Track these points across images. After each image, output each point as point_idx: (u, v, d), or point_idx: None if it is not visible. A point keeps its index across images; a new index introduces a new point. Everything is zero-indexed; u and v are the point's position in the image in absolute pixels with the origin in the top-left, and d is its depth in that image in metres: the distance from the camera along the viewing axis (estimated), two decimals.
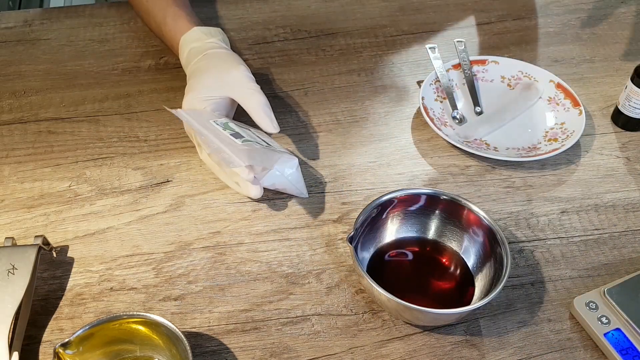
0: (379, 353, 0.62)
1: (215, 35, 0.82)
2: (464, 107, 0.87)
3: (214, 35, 0.82)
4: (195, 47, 0.80)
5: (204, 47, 0.79)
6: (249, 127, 0.75)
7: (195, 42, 0.80)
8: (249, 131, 0.74)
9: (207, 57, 0.78)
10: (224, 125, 0.71)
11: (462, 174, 0.79)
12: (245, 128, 0.74)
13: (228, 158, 0.67)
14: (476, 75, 0.90)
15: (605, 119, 0.87)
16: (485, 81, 0.90)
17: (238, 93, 0.74)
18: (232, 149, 0.68)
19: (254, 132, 0.74)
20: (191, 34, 0.81)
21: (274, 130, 0.72)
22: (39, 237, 0.66)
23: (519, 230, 0.73)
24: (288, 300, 0.66)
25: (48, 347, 0.62)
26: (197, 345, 0.62)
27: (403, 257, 0.69)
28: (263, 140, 0.73)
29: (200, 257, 0.69)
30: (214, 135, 0.69)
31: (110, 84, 0.89)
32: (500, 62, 0.91)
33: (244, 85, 0.74)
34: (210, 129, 0.70)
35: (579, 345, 0.64)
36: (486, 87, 0.90)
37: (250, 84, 0.75)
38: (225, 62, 0.77)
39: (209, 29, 0.82)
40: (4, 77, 0.89)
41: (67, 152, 0.79)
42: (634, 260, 0.71)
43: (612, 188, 0.78)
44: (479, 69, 0.91)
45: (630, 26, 1.03)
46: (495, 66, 0.91)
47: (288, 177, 0.73)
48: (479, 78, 0.90)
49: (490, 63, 0.91)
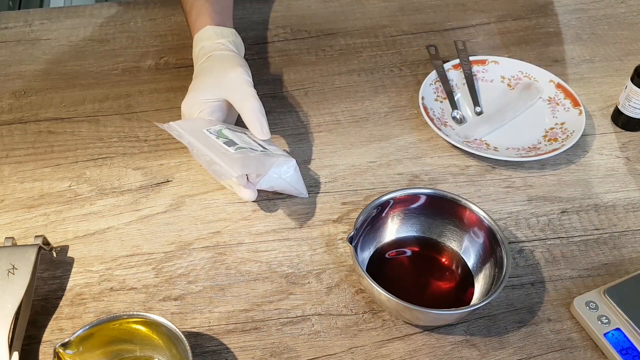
0: (379, 353, 0.62)
1: (227, 36, 0.81)
2: (464, 107, 0.87)
3: (225, 36, 0.81)
4: (205, 46, 0.79)
5: (211, 47, 0.79)
6: (245, 131, 0.75)
7: (206, 41, 0.80)
8: (244, 136, 0.73)
9: (211, 59, 0.78)
10: (217, 133, 0.71)
11: (462, 174, 0.79)
12: (241, 132, 0.74)
13: (219, 170, 0.66)
14: (476, 75, 0.90)
15: (605, 119, 0.87)
16: (485, 81, 0.90)
17: (233, 96, 0.74)
18: (225, 158, 0.67)
19: (250, 135, 0.74)
20: (203, 32, 0.81)
21: (264, 137, 0.72)
22: (39, 237, 0.66)
23: (519, 230, 0.73)
24: (288, 300, 0.66)
25: (48, 347, 0.62)
26: (197, 345, 0.62)
27: (403, 257, 0.69)
28: (259, 144, 0.73)
29: (200, 257, 0.69)
30: (206, 146, 0.69)
31: (110, 84, 0.89)
32: (500, 62, 0.91)
33: (239, 88, 0.74)
34: (202, 140, 0.69)
35: (579, 345, 0.64)
36: (486, 87, 0.90)
37: (246, 88, 0.74)
38: (225, 65, 0.77)
39: (221, 29, 0.81)
40: (4, 77, 0.89)
41: (67, 152, 0.79)
42: (634, 260, 0.71)
43: (612, 188, 0.78)
44: (479, 69, 0.91)
45: (630, 26, 1.03)
46: (495, 66, 0.91)
47: (286, 179, 0.73)
48: (479, 78, 0.90)
49: (490, 63, 0.91)
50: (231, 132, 0.72)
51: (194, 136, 0.70)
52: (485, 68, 0.91)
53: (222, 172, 0.66)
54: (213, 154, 0.67)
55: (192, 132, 0.70)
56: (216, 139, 0.70)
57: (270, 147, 0.73)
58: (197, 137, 0.70)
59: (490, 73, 0.91)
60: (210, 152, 0.68)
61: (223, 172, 0.66)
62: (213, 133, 0.71)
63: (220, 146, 0.69)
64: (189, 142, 0.69)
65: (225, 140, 0.70)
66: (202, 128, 0.71)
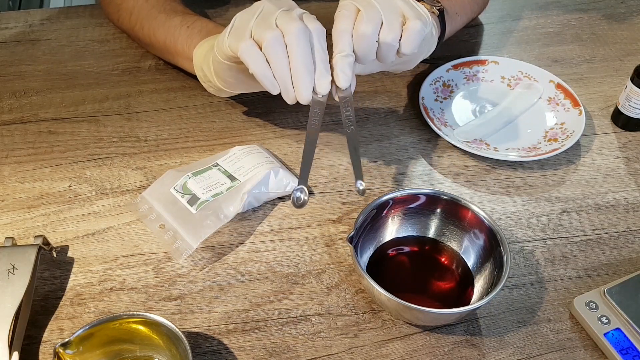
0: (379, 353, 0.62)
1: None
2: (464, 108, 0.87)
3: None
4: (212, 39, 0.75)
5: None
6: (216, 161, 0.75)
7: (210, 41, 0.75)
8: (214, 171, 0.73)
9: None
10: (182, 188, 0.72)
11: (462, 174, 0.79)
12: (210, 168, 0.74)
13: (180, 247, 0.68)
14: (476, 75, 0.90)
15: (605, 119, 0.87)
16: (485, 81, 0.90)
17: None
18: (186, 226, 0.69)
19: (222, 166, 0.74)
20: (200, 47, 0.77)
21: None
22: (39, 237, 0.66)
23: (519, 230, 0.73)
24: (288, 300, 0.66)
25: (48, 347, 0.62)
26: (197, 345, 0.62)
27: (403, 257, 0.69)
28: (231, 174, 0.73)
29: (200, 257, 0.70)
30: (168, 213, 0.70)
31: (111, 84, 0.89)
32: (500, 62, 0.91)
33: None
34: (167, 205, 0.71)
35: (579, 345, 0.64)
36: (486, 87, 0.90)
37: None
38: None
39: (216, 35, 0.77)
40: (4, 78, 0.89)
41: (67, 152, 0.79)
42: (634, 260, 0.71)
43: (612, 188, 0.78)
44: (479, 69, 0.91)
45: (630, 26, 1.03)
46: (495, 66, 0.91)
47: (269, 192, 0.73)
48: (479, 78, 0.90)
49: (490, 63, 0.91)
50: (197, 181, 0.72)
51: (162, 203, 0.71)
52: (485, 68, 0.91)
53: (182, 248, 0.68)
54: (177, 224, 0.69)
55: (160, 198, 0.72)
56: (181, 197, 0.71)
57: (246, 164, 0.74)
58: (165, 203, 0.71)
59: (490, 73, 0.91)
60: (175, 222, 0.69)
61: (181, 252, 0.68)
62: (179, 190, 0.71)
63: (182, 208, 0.70)
64: (158, 215, 0.71)
65: (190, 196, 0.71)
66: (169, 187, 0.72)
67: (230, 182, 0.72)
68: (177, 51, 0.81)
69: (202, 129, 0.83)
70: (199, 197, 0.70)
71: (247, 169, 0.73)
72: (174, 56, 0.83)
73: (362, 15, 0.64)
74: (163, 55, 0.87)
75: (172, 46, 0.81)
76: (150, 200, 0.72)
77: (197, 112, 0.85)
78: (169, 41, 0.82)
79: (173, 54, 0.83)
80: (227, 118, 0.84)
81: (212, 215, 0.69)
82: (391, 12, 0.65)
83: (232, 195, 0.71)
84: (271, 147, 0.80)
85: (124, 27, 0.90)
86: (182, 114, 0.85)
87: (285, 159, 0.79)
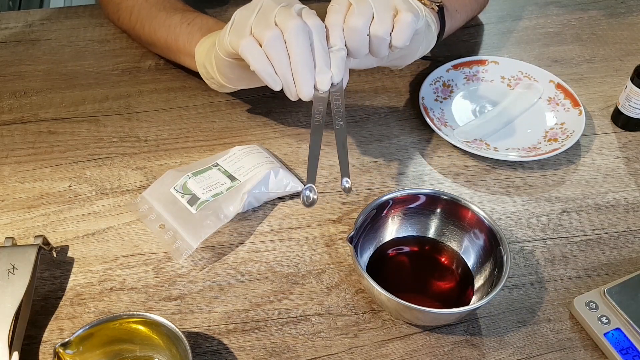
0: (379, 353, 0.62)
1: None
2: (464, 108, 0.87)
3: None
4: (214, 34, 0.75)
5: None
6: (216, 161, 0.75)
7: (212, 37, 0.75)
8: (214, 171, 0.73)
9: None
10: (182, 188, 0.71)
11: (462, 174, 0.79)
12: (210, 168, 0.74)
13: (180, 247, 0.68)
14: (476, 75, 0.90)
15: (605, 119, 0.87)
16: (485, 81, 0.90)
17: None
18: (186, 226, 0.69)
19: (222, 165, 0.74)
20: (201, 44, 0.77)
21: None
22: (39, 237, 0.66)
23: (519, 230, 0.73)
24: (288, 300, 0.66)
25: (48, 347, 0.62)
26: (197, 345, 0.62)
27: (403, 257, 0.69)
28: (231, 174, 0.73)
29: (200, 257, 0.70)
30: (171, 213, 0.70)
31: (111, 84, 0.89)
32: (500, 62, 0.91)
33: None
34: (167, 205, 0.71)
35: (579, 345, 0.64)
36: (486, 87, 0.90)
37: None
38: None
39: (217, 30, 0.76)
40: (4, 78, 0.89)
41: (67, 152, 0.79)
42: (634, 260, 0.71)
43: (612, 188, 0.78)
44: (479, 69, 0.91)
45: (630, 26, 1.03)
46: (495, 66, 0.91)
47: (269, 192, 0.73)
48: (479, 78, 0.90)
49: (490, 63, 0.91)
50: (197, 181, 0.72)
51: (162, 203, 0.71)
52: (485, 68, 0.91)
53: (182, 248, 0.68)
54: (177, 224, 0.69)
55: (160, 198, 0.71)
56: (181, 197, 0.71)
57: (246, 164, 0.74)
58: (165, 203, 0.71)
59: (490, 73, 0.91)
60: (175, 222, 0.69)
61: (182, 252, 0.68)
62: (179, 189, 0.71)
63: (183, 208, 0.70)
64: (158, 215, 0.71)
65: (190, 196, 0.71)
66: (169, 187, 0.72)
67: (230, 182, 0.72)
68: (179, 49, 0.81)
69: (202, 129, 0.83)
70: (199, 197, 0.70)
71: (247, 169, 0.73)
72: (175, 54, 0.83)
73: (353, 8, 0.64)
74: (164, 53, 0.87)
75: (174, 44, 0.81)
76: (150, 200, 0.72)
77: (197, 112, 0.85)
78: (170, 39, 0.82)
79: (175, 52, 0.83)
80: (227, 118, 0.84)
81: (212, 215, 0.69)
82: (383, 5, 0.65)
83: (232, 195, 0.71)
84: (271, 147, 0.80)
85: (124, 27, 0.90)
86: (182, 114, 0.85)
87: (286, 159, 0.79)
